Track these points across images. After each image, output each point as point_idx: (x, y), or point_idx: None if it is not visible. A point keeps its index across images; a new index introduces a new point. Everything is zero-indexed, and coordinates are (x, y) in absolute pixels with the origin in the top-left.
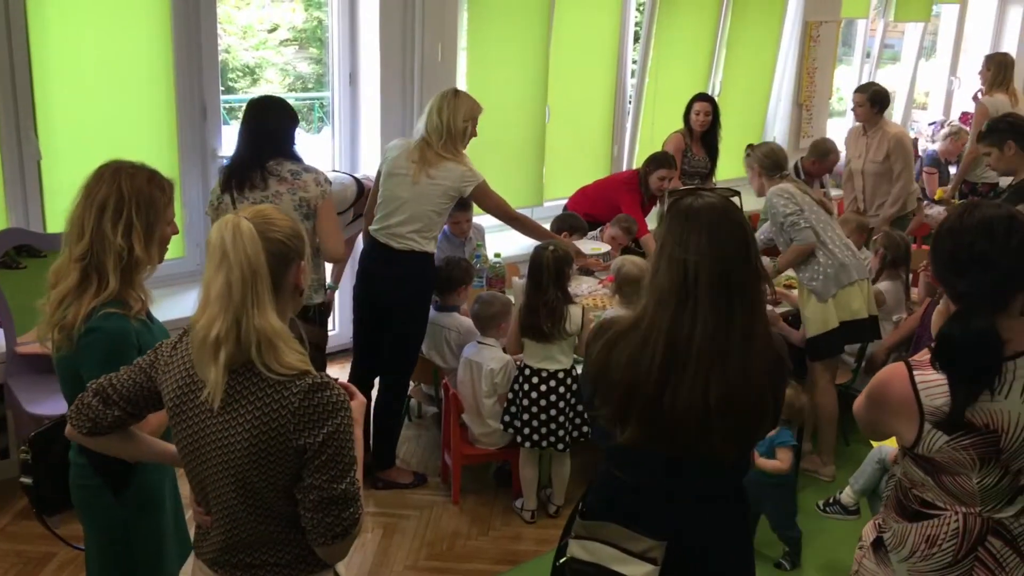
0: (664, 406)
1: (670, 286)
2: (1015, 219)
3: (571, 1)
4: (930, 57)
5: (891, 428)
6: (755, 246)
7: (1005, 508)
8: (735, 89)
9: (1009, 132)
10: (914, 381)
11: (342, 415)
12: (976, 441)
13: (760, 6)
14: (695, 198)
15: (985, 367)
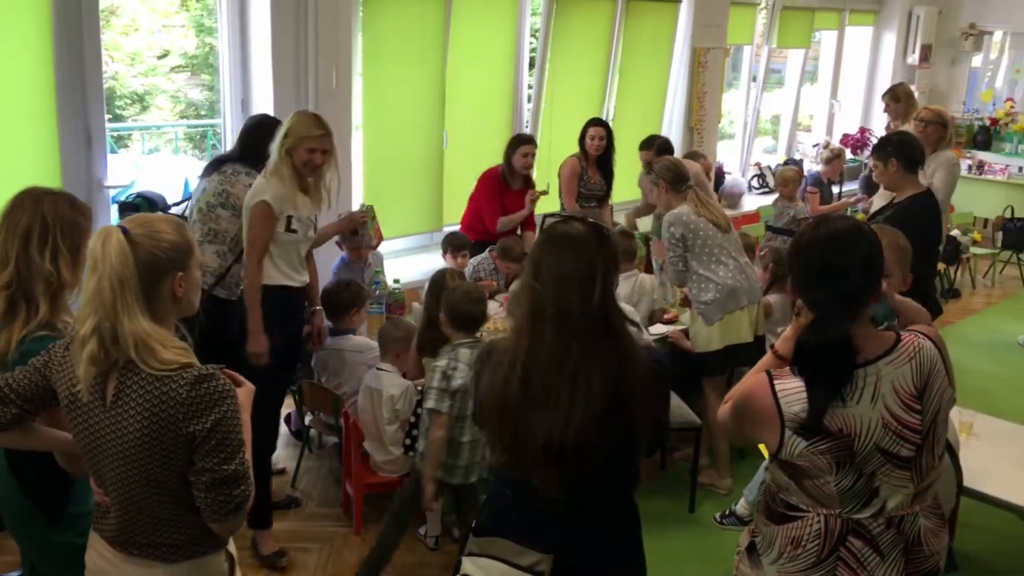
0: (519, 432)
1: (523, 312)
2: (862, 229)
3: (466, 27)
4: (813, 82)
5: (756, 435)
6: (606, 282)
7: (863, 509)
8: (628, 114)
9: (895, 151)
10: (774, 389)
11: (228, 402)
12: (832, 445)
13: (650, 33)
14: (565, 224)
15: (839, 373)
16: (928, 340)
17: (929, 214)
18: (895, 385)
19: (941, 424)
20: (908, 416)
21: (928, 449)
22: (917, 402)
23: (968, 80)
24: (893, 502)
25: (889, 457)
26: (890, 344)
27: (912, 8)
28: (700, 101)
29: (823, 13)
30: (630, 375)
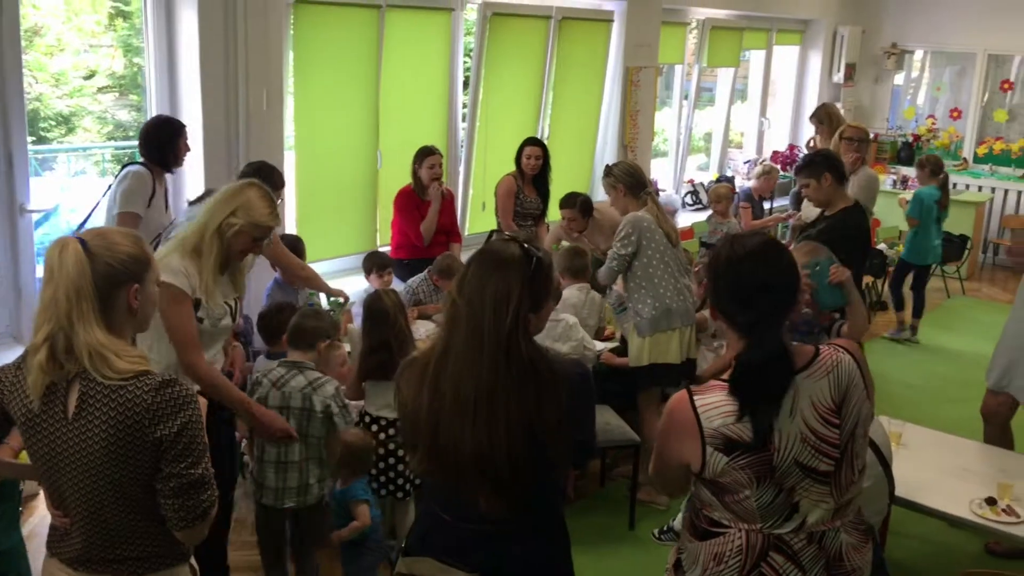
0: (441, 441)
1: (444, 324)
2: (775, 242)
3: (400, 46)
4: (744, 100)
5: (680, 454)
6: (523, 305)
7: (784, 524)
8: (563, 132)
9: (825, 166)
10: (694, 404)
11: (193, 406)
12: (752, 460)
13: (583, 52)
14: (495, 243)
15: (781, 386)
16: (847, 354)
17: (862, 226)
18: (813, 399)
19: (859, 439)
20: (826, 430)
21: (847, 464)
22: (835, 416)
23: (891, 97)
24: (813, 517)
25: (808, 472)
26: (808, 358)
27: (837, 28)
28: (633, 119)
29: (751, 33)
30: (545, 404)
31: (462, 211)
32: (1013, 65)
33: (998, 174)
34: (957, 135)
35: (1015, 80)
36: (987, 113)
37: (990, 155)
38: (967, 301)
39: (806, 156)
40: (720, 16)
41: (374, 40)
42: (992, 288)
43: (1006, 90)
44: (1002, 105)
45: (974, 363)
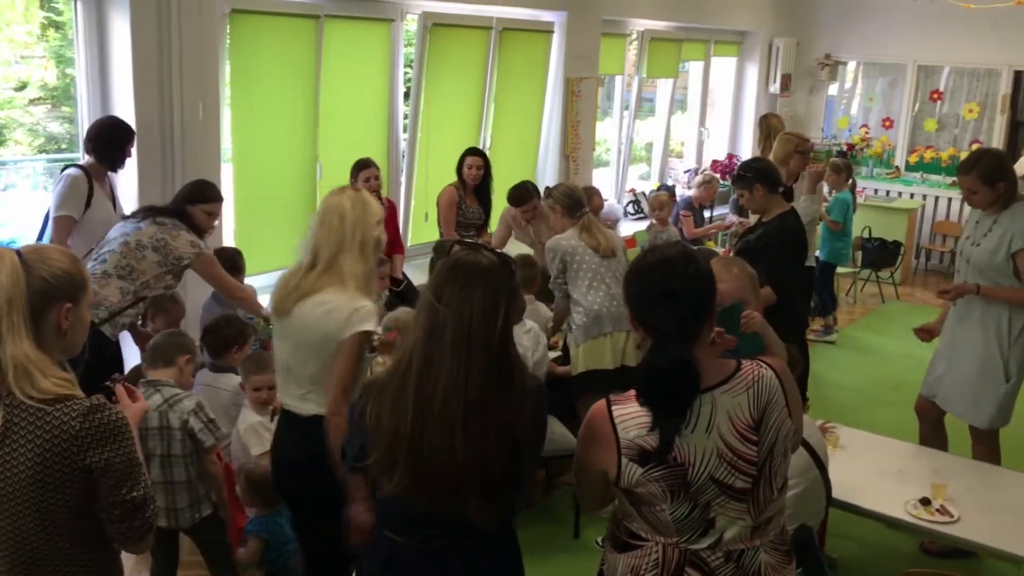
0: (424, 456)
1: (423, 334)
2: (689, 254)
3: (339, 57)
4: (684, 110)
5: (598, 462)
6: (507, 312)
7: (700, 539)
8: (505, 143)
9: (756, 177)
10: (612, 414)
11: (124, 431)
12: (666, 473)
13: (524, 63)
14: (466, 253)
15: (682, 395)
16: (770, 370)
17: (799, 232)
18: (731, 414)
19: (779, 456)
20: (743, 447)
21: (765, 481)
22: (753, 433)
23: (826, 107)
24: (730, 534)
25: (724, 488)
26: (729, 372)
27: (772, 40)
28: (575, 130)
29: (690, 44)
30: (526, 412)
31: (404, 222)
32: (942, 76)
33: (929, 181)
34: (889, 144)
35: (944, 90)
36: (918, 122)
37: (921, 163)
38: (901, 306)
39: (738, 168)
40: (659, 27)
41: (313, 50)
42: (925, 292)
43: (935, 100)
44: (932, 115)
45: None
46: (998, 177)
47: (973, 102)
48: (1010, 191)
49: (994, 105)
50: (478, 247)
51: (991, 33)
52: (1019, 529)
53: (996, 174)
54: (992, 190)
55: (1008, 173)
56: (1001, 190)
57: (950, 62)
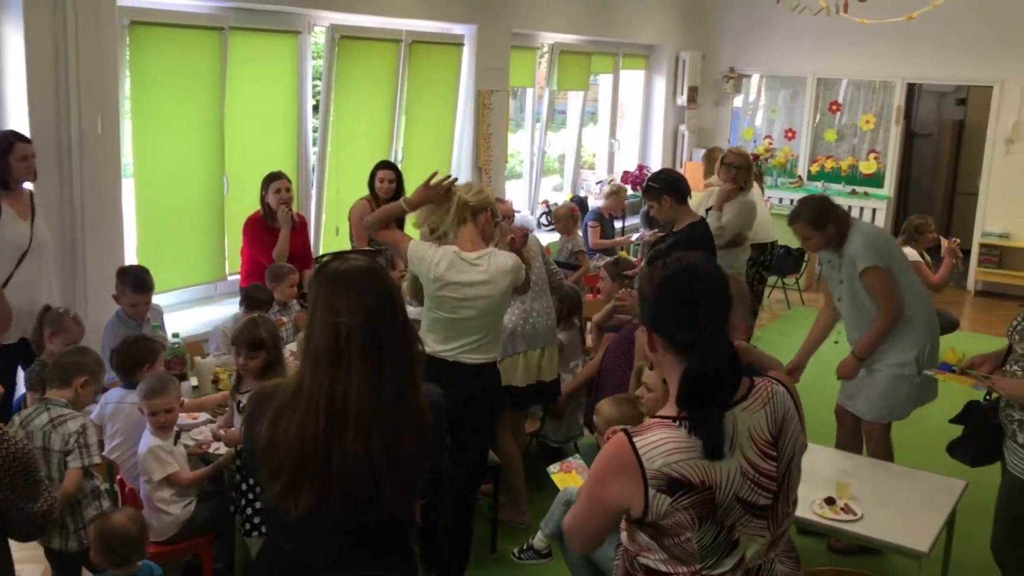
0: (334, 469)
1: (324, 349)
2: (708, 257)
3: (244, 69)
4: (595, 122)
5: (621, 498)
6: (402, 306)
7: (722, 563)
8: (417, 155)
9: (664, 188)
10: (634, 445)
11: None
12: (695, 500)
13: (434, 76)
14: (341, 262)
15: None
16: (781, 386)
17: (708, 240)
18: (751, 432)
19: (795, 471)
20: (765, 463)
21: (783, 496)
22: (772, 448)
23: (731, 119)
24: (752, 551)
25: (748, 507)
26: (744, 391)
27: (679, 53)
28: (487, 142)
29: (599, 57)
30: (428, 408)
31: (315, 236)
32: (840, 88)
33: (830, 190)
34: (792, 154)
35: (842, 102)
36: (818, 133)
37: (822, 172)
38: (806, 311)
39: (647, 180)
40: (568, 41)
41: (217, 63)
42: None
43: (834, 111)
44: (832, 125)
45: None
46: (824, 221)
47: (870, 113)
48: (841, 230)
49: (889, 116)
50: (344, 254)
51: (885, 47)
52: (918, 525)
53: (821, 219)
54: (823, 234)
55: (833, 215)
56: (831, 232)
57: (847, 75)
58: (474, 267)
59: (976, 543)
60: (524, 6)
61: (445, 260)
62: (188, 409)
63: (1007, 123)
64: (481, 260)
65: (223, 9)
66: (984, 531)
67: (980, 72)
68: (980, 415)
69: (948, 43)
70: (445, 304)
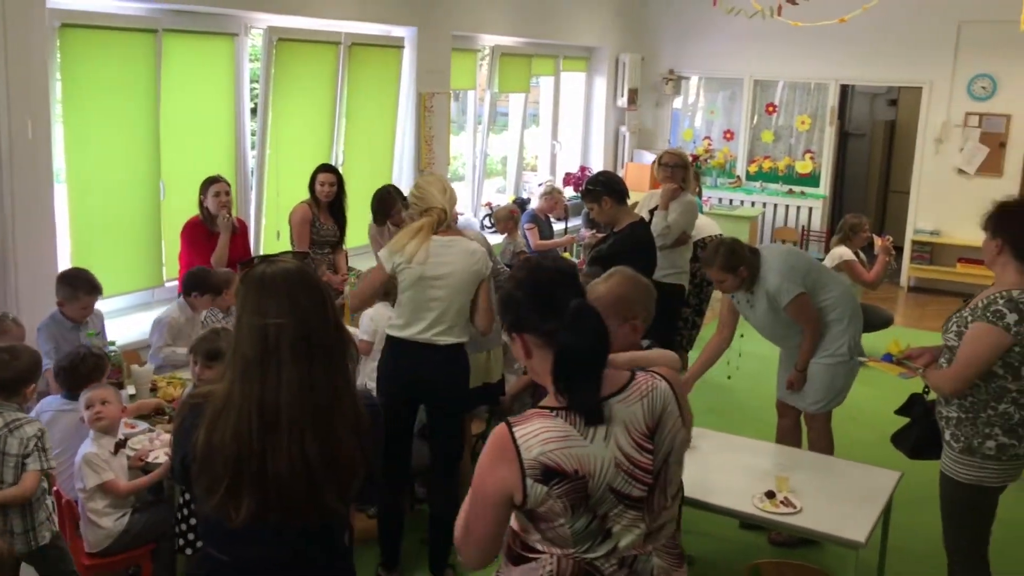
0: (270, 473)
1: (253, 353)
2: (560, 259)
3: (180, 72)
4: (537, 124)
5: (503, 486)
6: (332, 306)
7: (596, 548)
8: (358, 158)
9: (603, 190)
10: (514, 435)
11: None
12: (568, 488)
13: (375, 78)
14: (267, 265)
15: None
16: (664, 381)
17: (648, 240)
18: (627, 424)
19: (673, 465)
20: (640, 456)
21: (659, 489)
22: (649, 442)
23: (671, 120)
24: (625, 541)
25: (621, 498)
26: (623, 382)
27: (618, 55)
28: (429, 144)
29: (539, 59)
30: (361, 406)
31: (255, 240)
32: (777, 90)
33: (768, 190)
34: (731, 155)
35: (778, 104)
36: (756, 134)
37: (760, 173)
38: None
39: (586, 183)
40: (509, 43)
41: (151, 66)
42: None
43: (771, 113)
44: (768, 126)
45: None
46: (737, 263)
47: (805, 114)
48: (752, 270)
49: (824, 117)
50: (270, 258)
51: (819, 50)
52: (856, 516)
53: (733, 262)
54: (736, 276)
55: (743, 257)
56: (744, 273)
57: (783, 77)
58: (447, 249)
59: (912, 533)
60: (464, 9)
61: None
62: (126, 415)
63: (936, 123)
64: (453, 243)
65: (157, 11)
66: (919, 521)
67: (910, 73)
68: (922, 407)
69: (879, 45)
70: (420, 286)
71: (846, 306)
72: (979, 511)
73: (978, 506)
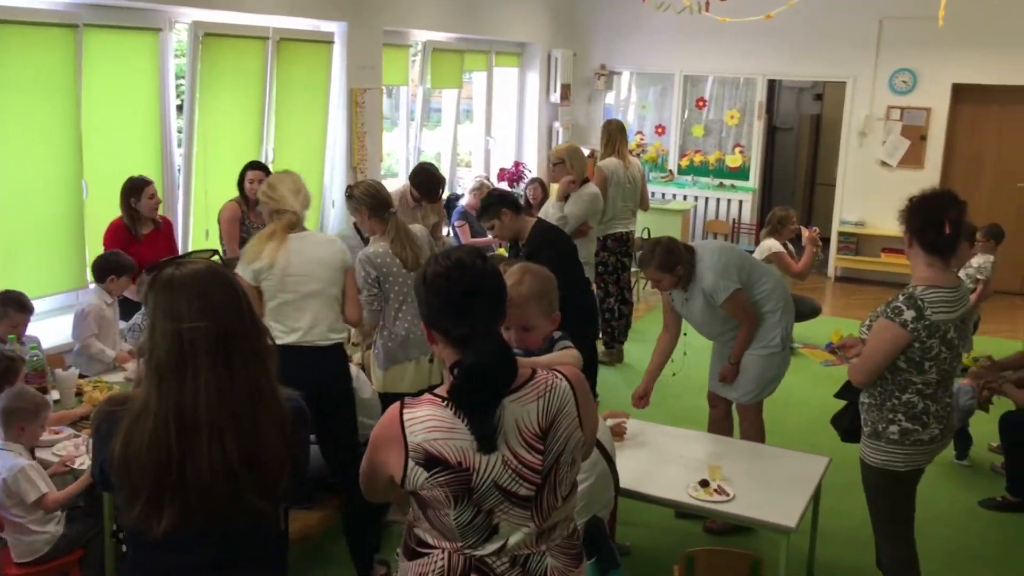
0: (190, 479)
1: (168, 359)
2: (479, 253)
3: (102, 69)
4: (471, 120)
5: (386, 464)
6: (247, 302)
7: (484, 545)
8: (289, 155)
9: (500, 203)
10: (403, 418)
11: None
12: (450, 478)
13: (305, 74)
14: (176, 267)
15: (504, 382)
16: (565, 380)
17: (551, 228)
18: (519, 423)
19: (565, 466)
20: (529, 455)
21: (550, 489)
22: (540, 442)
23: (604, 115)
24: (514, 539)
25: (507, 495)
26: (523, 380)
27: (550, 51)
28: (361, 141)
29: (472, 55)
30: (284, 402)
31: (184, 240)
32: (707, 85)
33: (699, 184)
34: (663, 149)
35: (708, 98)
36: (687, 129)
37: (691, 167)
38: None
39: (483, 200)
40: (440, 39)
41: (71, 62)
42: None
43: (701, 107)
44: (699, 121)
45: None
46: (674, 263)
47: (734, 109)
48: (688, 269)
49: (752, 111)
50: (178, 259)
51: (747, 45)
52: (787, 502)
53: (670, 261)
54: (672, 275)
55: (680, 257)
56: (680, 272)
57: (712, 72)
58: (305, 243)
59: (841, 516)
60: (395, 4)
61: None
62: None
63: (860, 117)
64: (307, 236)
65: (77, 6)
66: (848, 504)
67: (834, 68)
68: (857, 392)
69: (805, 41)
70: (289, 288)
71: (779, 298)
72: (892, 493)
73: (890, 488)
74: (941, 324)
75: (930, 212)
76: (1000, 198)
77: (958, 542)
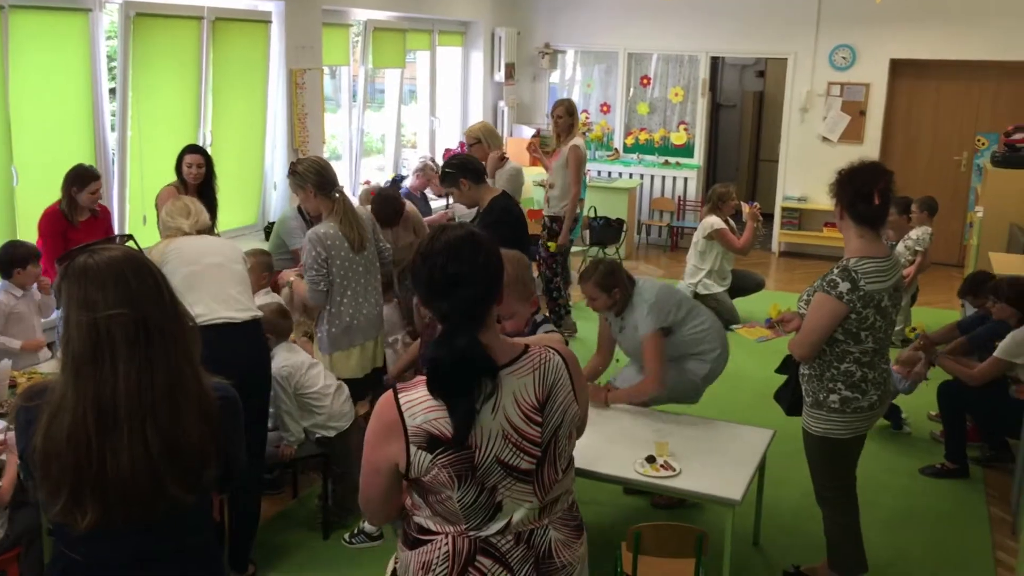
0: (110, 474)
1: (85, 351)
2: (476, 237)
3: (29, 51)
4: (415, 100)
5: (388, 454)
6: (167, 286)
7: (489, 525)
8: (228, 138)
9: (460, 172)
10: (399, 402)
11: None
12: (454, 458)
13: (242, 55)
14: (89, 255)
15: (474, 381)
16: (557, 355)
17: (510, 209)
18: (516, 396)
19: (563, 439)
20: (528, 428)
21: (549, 462)
22: (538, 414)
23: (549, 94)
24: (518, 516)
25: (509, 470)
26: (516, 354)
27: (494, 29)
28: (302, 122)
29: (414, 34)
30: (210, 387)
31: (120, 226)
32: (651, 62)
33: (644, 162)
34: (608, 127)
35: (653, 76)
36: (632, 107)
37: (637, 145)
38: None
39: (442, 167)
40: (381, 18)
41: None
42: (647, 265)
43: (646, 85)
44: (644, 99)
45: None
46: (612, 284)
47: (678, 86)
48: (625, 296)
49: (696, 89)
50: (90, 246)
51: (689, 22)
52: (732, 476)
53: (609, 282)
54: (609, 296)
55: (620, 281)
56: (617, 295)
57: (656, 50)
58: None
59: (785, 488)
60: None
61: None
62: None
63: (801, 93)
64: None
65: None
66: (792, 477)
67: (776, 45)
68: (797, 365)
69: (746, 18)
70: (191, 261)
71: (715, 339)
72: (834, 461)
73: (832, 456)
74: (875, 294)
75: (859, 184)
76: (937, 171)
77: (899, 509)
